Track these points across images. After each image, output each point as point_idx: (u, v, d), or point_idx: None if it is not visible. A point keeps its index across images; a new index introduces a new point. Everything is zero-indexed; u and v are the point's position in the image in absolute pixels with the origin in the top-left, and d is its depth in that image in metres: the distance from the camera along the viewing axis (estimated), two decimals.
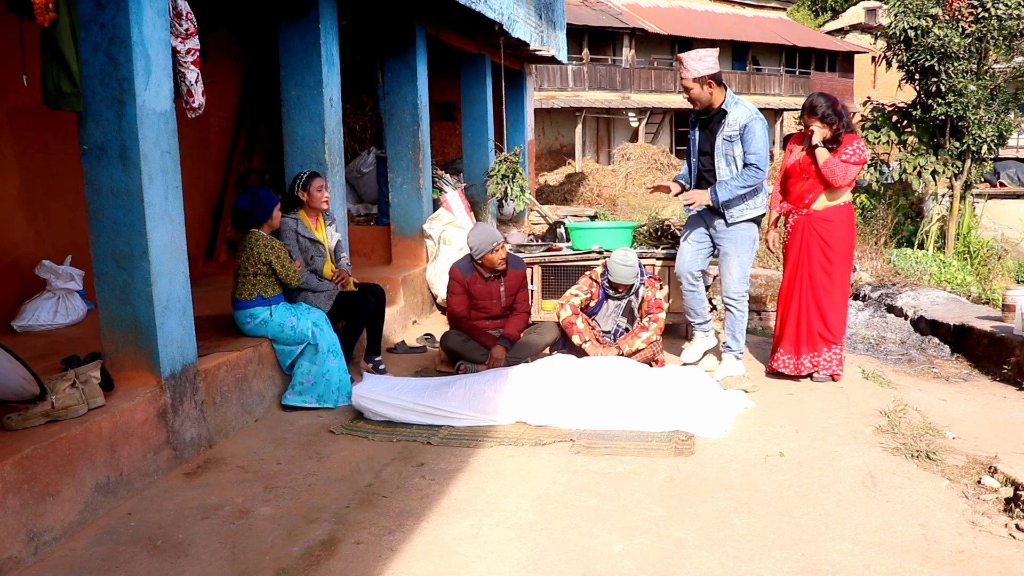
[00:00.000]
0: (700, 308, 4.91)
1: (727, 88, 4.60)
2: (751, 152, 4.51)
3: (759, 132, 4.51)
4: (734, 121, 4.53)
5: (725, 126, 4.56)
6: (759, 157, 4.51)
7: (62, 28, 3.06)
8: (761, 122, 4.54)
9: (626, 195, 17.71)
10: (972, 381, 5.27)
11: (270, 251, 4.23)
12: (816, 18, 41.33)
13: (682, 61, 4.55)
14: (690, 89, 4.55)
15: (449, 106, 9.94)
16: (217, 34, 6.57)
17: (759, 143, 4.51)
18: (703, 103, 4.57)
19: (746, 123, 4.51)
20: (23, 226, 5.07)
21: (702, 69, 4.48)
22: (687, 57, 4.53)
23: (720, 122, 4.58)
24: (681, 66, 4.56)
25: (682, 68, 4.55)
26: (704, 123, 4.69)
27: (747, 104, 4.59)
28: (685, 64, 4.53)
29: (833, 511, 3.01)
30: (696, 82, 4.51)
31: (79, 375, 3.10)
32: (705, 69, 4.48)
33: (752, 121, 4.51)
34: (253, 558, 2.72)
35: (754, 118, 4.52)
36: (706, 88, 4.52)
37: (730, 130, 4.55)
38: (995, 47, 11.03)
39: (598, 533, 2.87)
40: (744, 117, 4.52)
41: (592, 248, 6.13)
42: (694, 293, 4.89)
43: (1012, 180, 17.75)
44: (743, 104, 4.58)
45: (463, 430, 3.98)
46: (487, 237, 4.91)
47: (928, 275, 8.90)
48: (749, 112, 4.54)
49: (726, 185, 4.54)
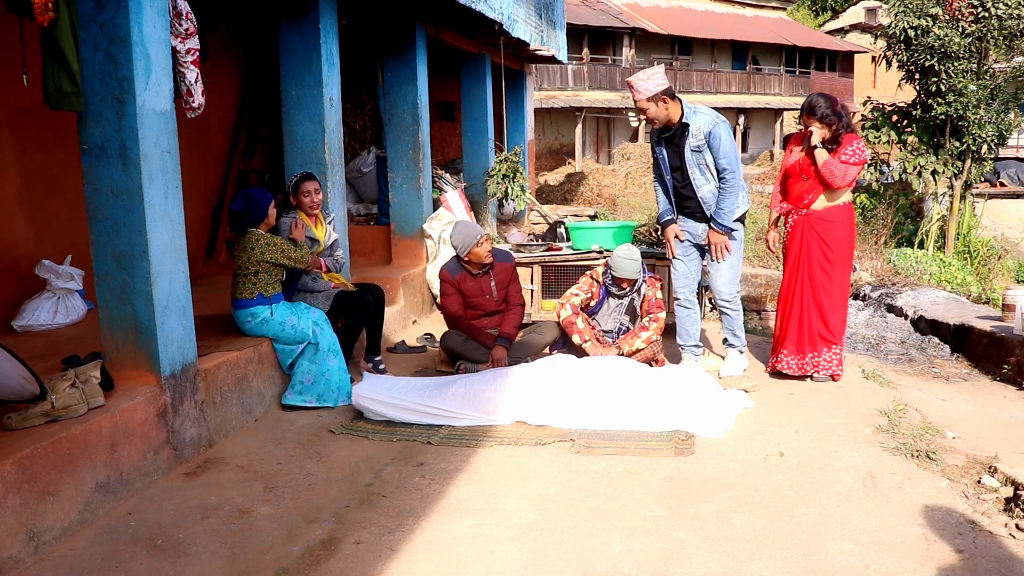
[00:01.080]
0: (693, 329, 4.88)
1: (680, 99, 4.56)
2: (721, 157, 4.51)
3: (724, 136, 4.50)
4: (697, 131, 4.52)
5: (690, 137, 4.53)
6: (730, 160, 4.51)
7: (62, 27, 3.06)
8: (724, 124, 4.54)
9: (626, 195, 17.70)
10: (972, 381, 5.26)
11: (272, 248, 4.23)
12: (816, 18, 41.34)
13: (631, 85, 4.51)
14: (646, 110, 4.50)
15: (449, 106, 9.94)
16: (217, 34, 6.57)
17: (727, 146, 4.51)
18: (662, 120, 4.54)
19: (710, 130, 4.50)
20: (23, 226, 5.07)
21: (653, 87, 4.44)
22: (635, 80, 4.49)
23: (684, 135, 4.56)
24: (632, 90, 4.51)
25: (633, 92, 4.51)
26: (668, 140, 4.67)
27: (705, 110, 4.58)
28: (635, 87, 4.48)
29: (833, 511, 3.01)
30: (650, 101, 4.47)
31: (79, 375, 3.10)
32: (656, 86, 4.44)
33: (715, 126, 4.50)
34: (253, 558, 2.72)
35: (716, 123, 4.51)
36: (661, 105, 4.48)
37: (696, 140, 4.53)
38: (995, 47, 11.02)
39: (598, 533, 2.87)
40: (706, 124, 4.51)
41: (592, 248, 6.13)
42: (690, 312, 4.86)
43: (1012, 180, 17.74)
44: (701, 111, 4.55)
45: (463, 430, 3.98)
46: (470, 232, 4.94)
47: (928, 275, 8.90)
48: (710, 118, 4.53)
49: (721, 211, 4.58)
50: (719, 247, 4.65)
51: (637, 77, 4.51)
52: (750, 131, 31.13)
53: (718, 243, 4.64)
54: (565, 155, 24.65)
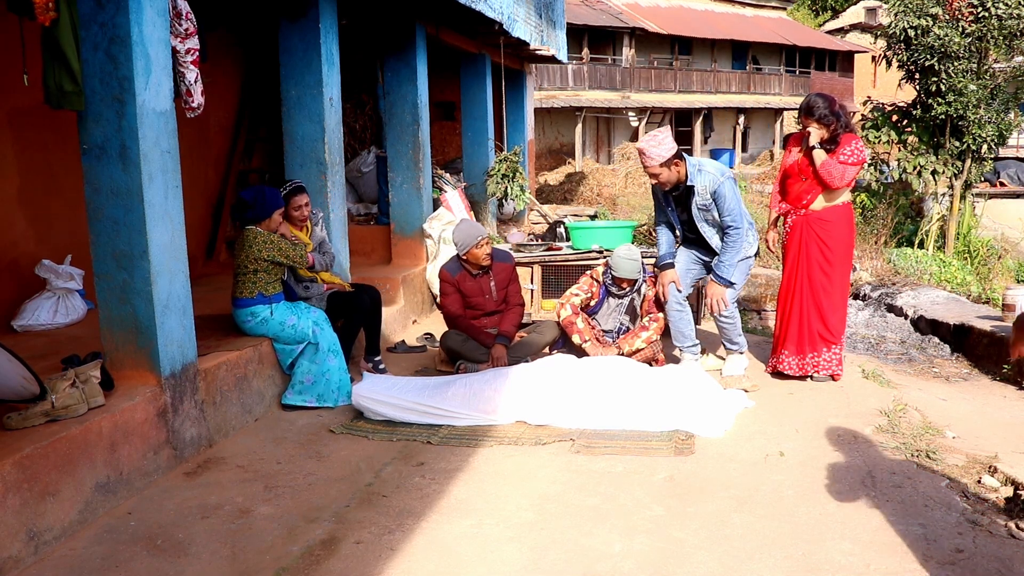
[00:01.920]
0: (687, 330, 4.83)
1: (685, 157, 4.54)
2: (726, 215, 4.52)
3: (729, 193, 4.50)
4: (703, 190, 4.52)
5: (696, 196, 4.54)
6: (734, 216, 4.51)
7: (63, 27, 3.06)
8: (729, 181, 4.53)
9: (626, 195, 17.69)
10: (972, 380, 5.27)
11: (270, 246, 4.22)
12: (816, 17, 41.34)
13: (643, 151, 4.45)
14: (659, 175, 4.47)
15: (449, 105, 9.94)
16: (217, 34, 6.57)
17: (731, 203, 4.51)
18: (672, 182, 4.54)
19: (715, 189, 4.50)
20: (23, 225, 5.07)
21: (665, 152, 4.41)
22: (647, 147, 4.44)
23: (689, 195, 4.57)
24: (644, 156, 4.45)
25: (645, 158, 4.44)
26: (676, 198, 4.67)
27: (708, 167, 4.55)
28: (647, 153, 4.42)
29: (833, 510, 3.01)
30: (663, 167, 4.44)
31: (79, 374, 3.10)
32: (668, 151, 4.42)
33: (720, 185, 4.49)
34: (253, 557, 2.72)
35: (721, 181, 4.50)
36: (673, 168, 4.48)
37: (702, 200, 4.54)
38: (995, 46, 11.02)
39: (598, 532, 2.87)
40: (711, 183, 4.50)
41: (592, 247, 6.13)
42: (681, 314, 4.80)
43: (1012, 179, 17.74)
44: (705, 169, 4.54)
45: (463, 429, 3.98)
46: (471, 232, 4.94)
47: (928, 275, 8.90)
48: (714, 176, 4.51)
49: (723, 264, 4.57)
50: (716, 300, 4.60)
51: (648, 144, 4.44)
52: (750, 131, 31.13)
53: (715, 295, 4.60)
54: (565, 155, 24.65)
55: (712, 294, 4.63)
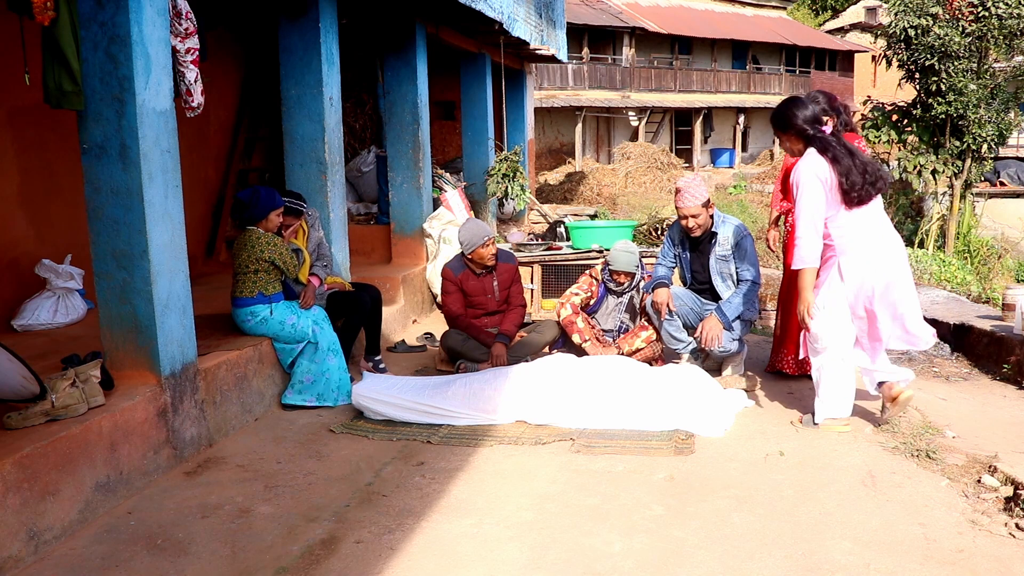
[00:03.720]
0: (679, 333, 4.74)
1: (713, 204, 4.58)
2: (746, 267, 4.53)
3: (750, 248, 4.55)
4: (725, 240, 4.54)
5: (716, 246, 4.55)
6: (753, 273, 4.53)
7: (62, 26, 3.06)
8: (749, 237, 4.58)
9: (626, 194, 17.71)
10: (972, 380, 5.26)
11: (271, 248, 4.22)
12: (816, 17, 41.32)
13: (683, 191, 4.43)
14: (698, 216, 4.45)
15: (449, 105, 9.94)
16: (217, 33, 6.57)
17: (752, 257, 4.55)
18: (706, 228, 4.54)
19: (737, 240, 4.53)
20: (23, 225, 5.07)
21: (703, 194, 4.44)
22: (685, 186, 4.44)
23: (711, 243, 4.58)
24: (684, 195, 4.42)
25: (686, 197, 4.42)
26: (694, 244, 4.66)
27: (731, 219, 4.61)
28: (690, 192, 4.41)
29: (833, 510, 3.01)
30: (704, 207, 4.46)
31: (79, 374, 3.10)
32: (704, 193, 4.45)
33: (743, 238, 4.54)
34: (253, 557, 2.72)
35: (744, 235, 4.56)
36: (708, 211, 4.50)
37: (722, 250, 4.56)
38: (995, 46, 11.03)
39: (598, 532, 2.87)
40: (734, 234, 4.54)
41: (592, 247, 6.13)
42: (671, 321, 4.69)
43: (1012, 179, 17.75)
44: (728, 220, 4.59)
45: (463, 429, 3.98)
46: (477, 231, 4.94)
47: (928, 274, 8.90)
48: (737, 229, 4.56)
49: (730, 303, 4.51)
50: (711, 335, 4.42)
51: (688, 184, 4.46)
52: (750, 130, 31.13)
53: (711, 330, 4.42)
54: (565, 154, 24.65)
55: (709, 328, 4.44)
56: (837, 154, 3.59)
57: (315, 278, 4.66)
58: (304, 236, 4.79)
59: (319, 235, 4.95)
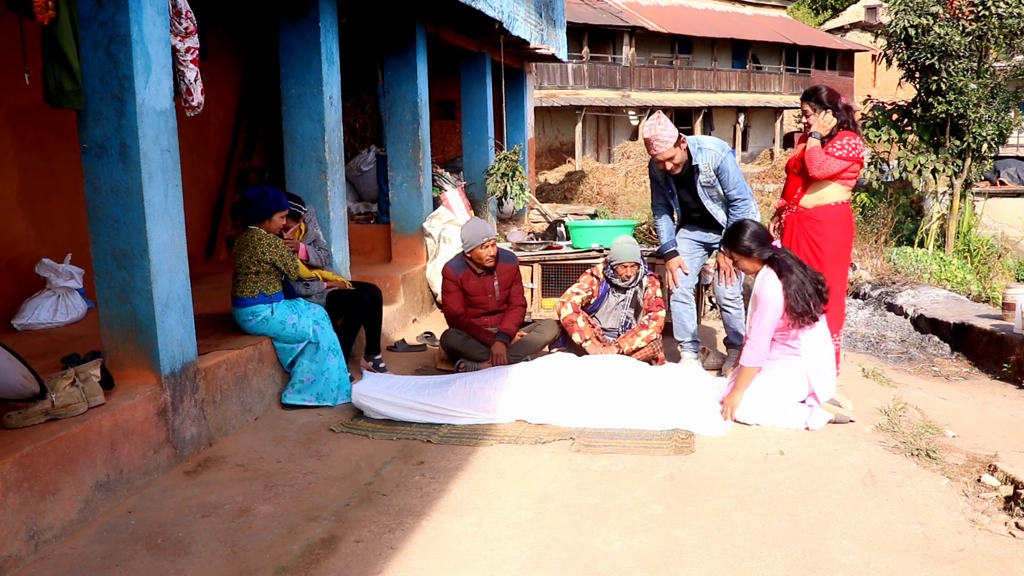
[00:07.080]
0: (690, 323, 4.84)
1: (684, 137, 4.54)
2: (731, 188, 4.54)
3: (731, 167, 4.53)
4: (706, 168, 4.52)
5: (699, 174, 4.54)
6: (740, 189, 4.55)
7: (62, 26, 3.05)
8: (729, 155, 4.54)
9: (626, 193, 17.69)
10: (972, 379, 5.27)
11: (273, 249, 4.22)
12: (816, 16, 41.30)
13: (653, 139, 4.42)
14: (672, 158, 4.45)
15: (449, 104, 9.94)
16: (217, 32, 6.56)
17: (735, 177, 4.54)
18: (684, 163, 4.53)
19: (718, 164, 4.51)
20: (23, 224, 5.07)
21: (671, 134, 4.41)
22: (653, 133, 4.41)
23: (692, 174, 4.57)
24: (655, 143, 4.41)
25: (656, 144, 4.41)
26: (677, 179, 4.66)
27: (708, 143, 4.55)
28: (658, 138, 4.40)
29: (833, 509, 3.01)
30: (675, 147, 4.44)
31: (79, 373, 3.10)
32: (672, 132, 4.42)
33: (723, 160, 4.51)
34: (253, 556, 2.72)
35: (723, 156, 4.52)
36: (681, 147, 4.48)
37: (705, 177, 4.54)
38: (996, 45, 11.03)
39: (598, 531, 2.87)
40: (713, 160, 4.51)
41: (592, 246, 6.13)
42: (685, 306, 4.81)
43: (1012, 178, 17.75)
44: (706, 147, 4.53)
45: (463, 428, 3.98)
46: (478, 231, 4.94)
47: (928, 273, 8.89)
48: (715, 153, 4.52)
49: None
50: (727, 271, 4.57)
51: (653, 131, 4.41)
52: (750, 130, 31.13)
53: (727, 268, 4.56)
54: (565, 154, 24.64)
55: (725, 268, 4.58)
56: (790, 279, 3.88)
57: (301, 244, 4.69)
58: (301, 237, 4.80)
59: (316, 231, 4.96)
